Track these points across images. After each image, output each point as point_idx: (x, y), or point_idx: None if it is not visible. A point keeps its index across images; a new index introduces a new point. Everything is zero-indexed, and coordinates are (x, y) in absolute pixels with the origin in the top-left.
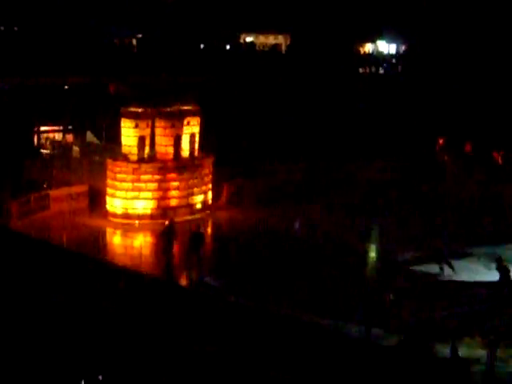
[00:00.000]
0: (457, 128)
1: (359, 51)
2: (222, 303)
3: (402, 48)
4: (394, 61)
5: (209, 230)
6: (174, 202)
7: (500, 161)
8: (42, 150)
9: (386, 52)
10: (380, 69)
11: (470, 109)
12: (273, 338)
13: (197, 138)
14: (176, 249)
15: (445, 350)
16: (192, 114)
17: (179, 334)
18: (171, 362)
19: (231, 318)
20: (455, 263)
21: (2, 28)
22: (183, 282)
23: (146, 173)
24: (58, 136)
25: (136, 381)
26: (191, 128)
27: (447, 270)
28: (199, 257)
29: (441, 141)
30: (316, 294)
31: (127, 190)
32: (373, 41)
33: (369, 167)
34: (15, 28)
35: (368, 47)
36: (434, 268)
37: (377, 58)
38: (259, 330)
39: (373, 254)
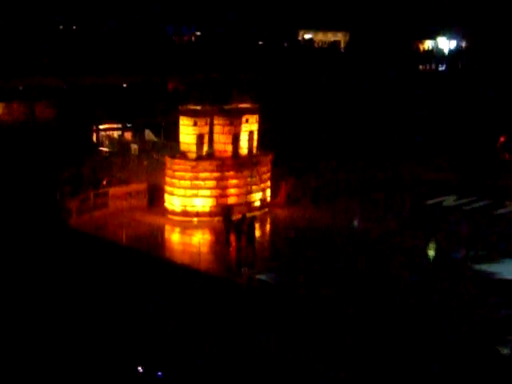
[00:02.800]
0: None
1: (419, 48)
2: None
3: (463, 44)
4: (454, 58)
5: (267, 227)
6: (232, 200)
7: None
8: (101, 148)
9: (446, 49)
10: (440, 66)
11: None
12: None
13: (255, 136)
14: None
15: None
16: (250, 111)
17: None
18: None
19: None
20: None
21: (61, 27)
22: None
23: (204, 170)
24: (117, 134)
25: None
26: (249, 126)
27: None
28: (254, 250)
29: (502, 138)
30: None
31: (186, 188)
32: (433, 37)
33: (428, 165)
34: (74, 27)
35: (428, 44)
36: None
37: (437, 55)
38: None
39: (432, 253)
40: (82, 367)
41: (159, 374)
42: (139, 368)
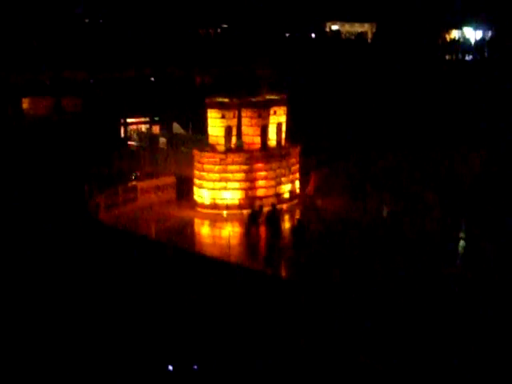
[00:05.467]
0: None
1: (445, 38)
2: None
3: (489, 34)
4: (480, 47)
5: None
6: (261, 192)
7: None
8: (129, 142)
9: (472, 39)
10: (466, 56)
11: None
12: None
13: (283, 128)
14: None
15: None
16: (278, 103)
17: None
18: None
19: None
20: None
21: (87, 20)
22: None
23: (233, 163)
24: (145, 128)
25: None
26: (278, 117)
27: None
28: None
29: None
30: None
31: (215, 181)
32: (459, 27)
33: (458, 156)
34: (100, 21)
35: (454, 34)
36: None
37: (463, 45)
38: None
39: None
40: (112, 365)
41: (195, 367)
42: (169, 366)
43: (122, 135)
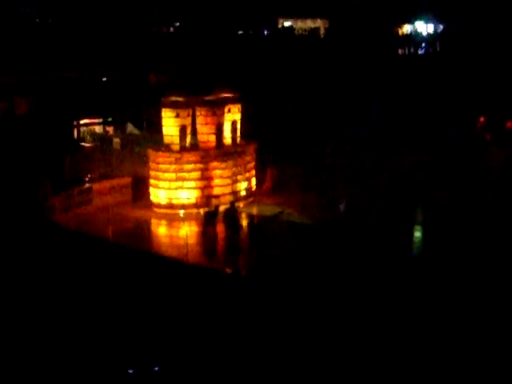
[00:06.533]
0: (498, 106)
1: (397, 32)
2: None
3: (440, 28)
4: (432, 41)
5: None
6: (217, 190)
7: None
8: (83, 144)
9: (423, 32)
10: (419, 49)
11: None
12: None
13: (238, 125)
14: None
15: None
16: (233, 101)
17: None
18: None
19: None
20: None
21: (38, 20)
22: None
23: (188, 162)
24: (99, 128)
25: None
26: (232, 115)
27: None
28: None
29: (482, 119)
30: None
31: (170, 180)
32: (411, 22)
33: (409, 149)
34: (49, 20)
35: (406, 28)
36: None
37: (415, 39)
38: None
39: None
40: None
41: (156, 369)
42: (130, 371)
43: (76, 137)
